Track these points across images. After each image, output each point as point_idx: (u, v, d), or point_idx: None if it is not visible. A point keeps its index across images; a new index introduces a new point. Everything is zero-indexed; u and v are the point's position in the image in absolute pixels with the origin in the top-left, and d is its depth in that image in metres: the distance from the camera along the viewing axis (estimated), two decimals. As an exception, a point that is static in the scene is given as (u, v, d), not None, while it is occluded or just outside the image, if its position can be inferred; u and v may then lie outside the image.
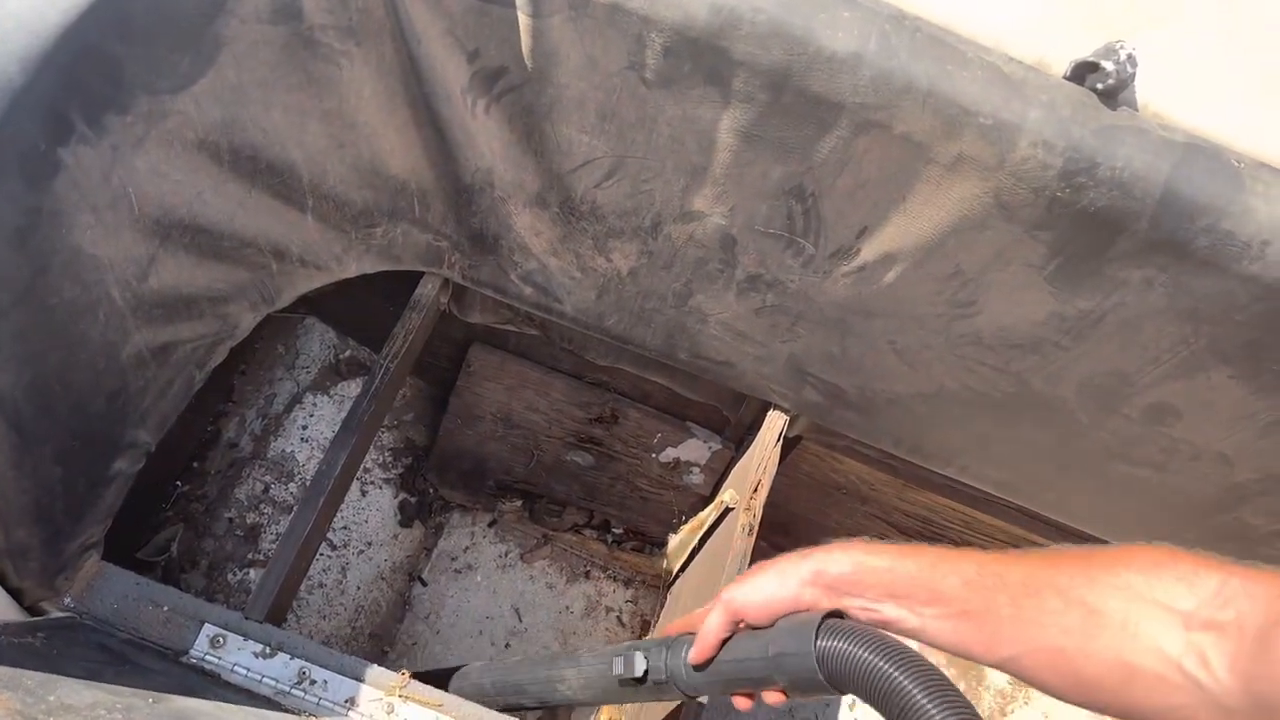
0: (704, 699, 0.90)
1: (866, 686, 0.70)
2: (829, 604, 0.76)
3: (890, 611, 0.74)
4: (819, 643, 0.72)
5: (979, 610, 0.69)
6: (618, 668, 0.91)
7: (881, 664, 0.69)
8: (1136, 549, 0.65)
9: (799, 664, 0.74)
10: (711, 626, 0.83)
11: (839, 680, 0.72)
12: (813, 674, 0.72)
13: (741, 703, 0.87)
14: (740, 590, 0.81)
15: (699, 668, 0.86)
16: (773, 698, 0.82)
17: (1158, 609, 0.60)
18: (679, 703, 1.13)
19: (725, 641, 0.84)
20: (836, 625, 0.73)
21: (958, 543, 1.68)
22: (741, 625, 0.83)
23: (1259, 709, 0.55)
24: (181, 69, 0.88)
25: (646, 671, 0.90)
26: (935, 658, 1.34)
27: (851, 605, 0.75)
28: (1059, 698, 0.67)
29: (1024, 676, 0.68)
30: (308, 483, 1.64)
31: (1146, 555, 0.64)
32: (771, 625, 0.79)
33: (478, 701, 1.02)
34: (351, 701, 0.97)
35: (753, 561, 1.27)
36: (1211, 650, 0.57)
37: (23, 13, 0.76)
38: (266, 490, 1.71)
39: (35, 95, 0.76)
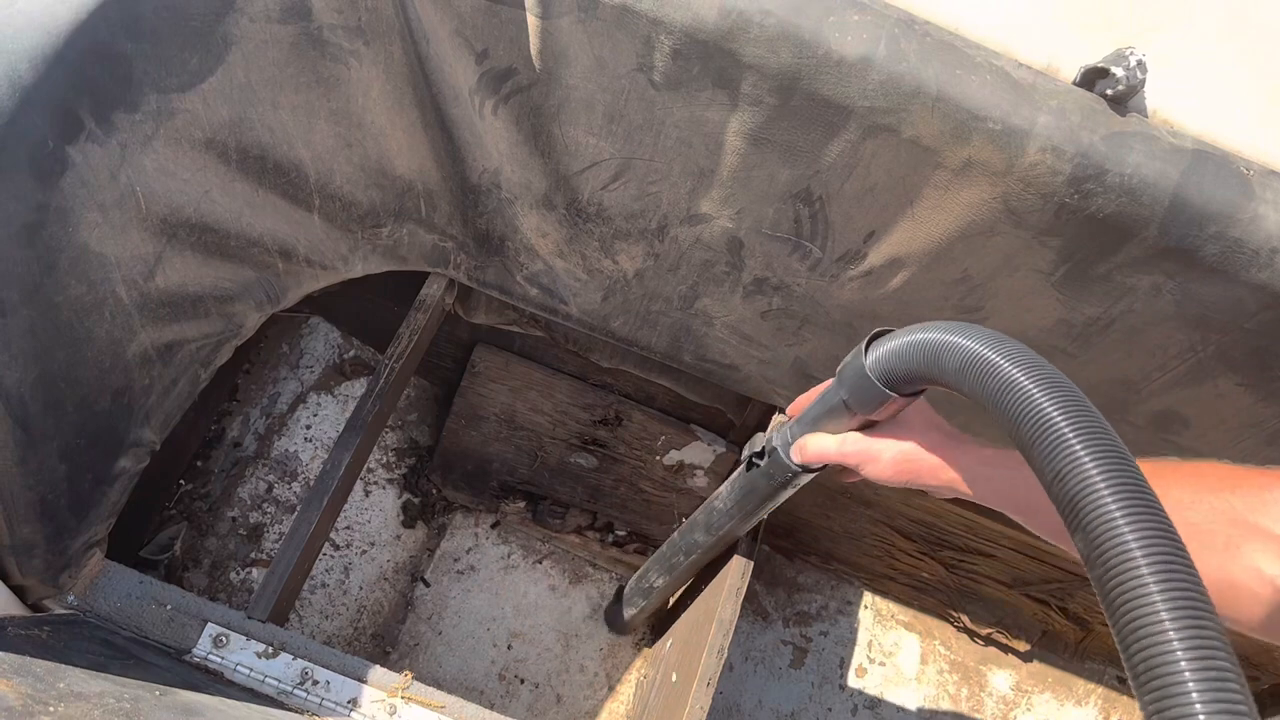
0: (806, 464, 0.93)
1: (916, 369, 0.72)
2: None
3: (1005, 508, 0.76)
4: (869, 353, 0.76)
5: None
6: (744, 452, 1.00)
7: (927, 336, 0.70)
8: (1245, 473, 0.66)
9: (853, 370, 0.78)
10: (823, 446, 0.87)
11: (889, 377, 0.75)
12: (864, 375, 0.76)
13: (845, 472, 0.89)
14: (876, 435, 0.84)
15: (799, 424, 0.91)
16: (850, 449, 0.84)
17: (1260, 535, 0.62)
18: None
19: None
20: (883, 334, 0.76)
21: (962, 550, 1.68)
22: None
23: None
24: (190, 67, 0.88)
25: (763, 447, 0.97)
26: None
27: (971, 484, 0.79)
28: None
29: None
30: (311, 482, 1.64)
31: (1254, 480, 0.65)
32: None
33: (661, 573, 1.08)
34: (354, 702, 0.97)
35: (756, 565, 1.27)
36: None
37: (33, 10, 0.77)
38: (270, 490, 1.71)
39: (45, 92, 0.77)
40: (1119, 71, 0.84)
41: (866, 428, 0.85)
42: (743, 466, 1.02)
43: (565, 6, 0.88)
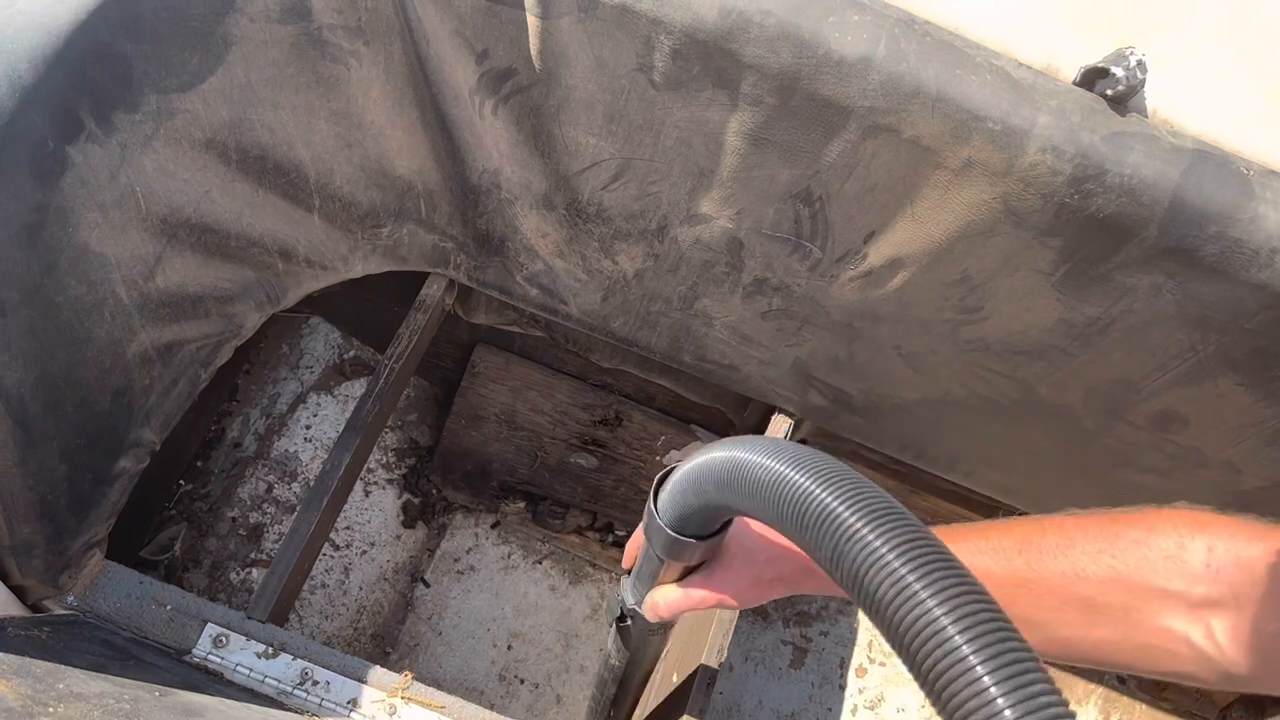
0: (663, 620, 0.88)
1: (694, 508, 0.65)
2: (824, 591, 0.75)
3: None
4: (656, 501, 0.69)
5: None
6: (608, 616, 0.94)
7: (683, 471, 0.63)
8: (1117, 523, 0.63)
9: (653, 526, 0.71)
10: (669, 599, 0.82)
11: (681, 523, 0.68)
12: (663, 531, 0.69)
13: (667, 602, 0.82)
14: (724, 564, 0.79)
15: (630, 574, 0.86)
16: (697, 599, 0.79)
17: (1154, 596, 0.60)
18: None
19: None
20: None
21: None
22: None
23: (1266, 674, 0.56)
24: (190, 67, 0.88)
25: (622, 610, 0.90)
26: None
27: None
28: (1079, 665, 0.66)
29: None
30: (311, 483, 1.64)
31: (1127, 531, 0.62)
32: None
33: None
34: (354, 703, 0.97)
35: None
36: (1216, 624, 0.58)
37: (34, 10, 0.77)
38: (270, 490, 1.71)
39: (45, 93, 0.77)
40: (1119, 71, 0.84)
41: (701, 565, 0.80)
42: (613, 628, 0.96)
43: (565, 6, 0.88)
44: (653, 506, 0.70)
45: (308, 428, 1.77)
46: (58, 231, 0.82)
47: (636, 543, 0.87)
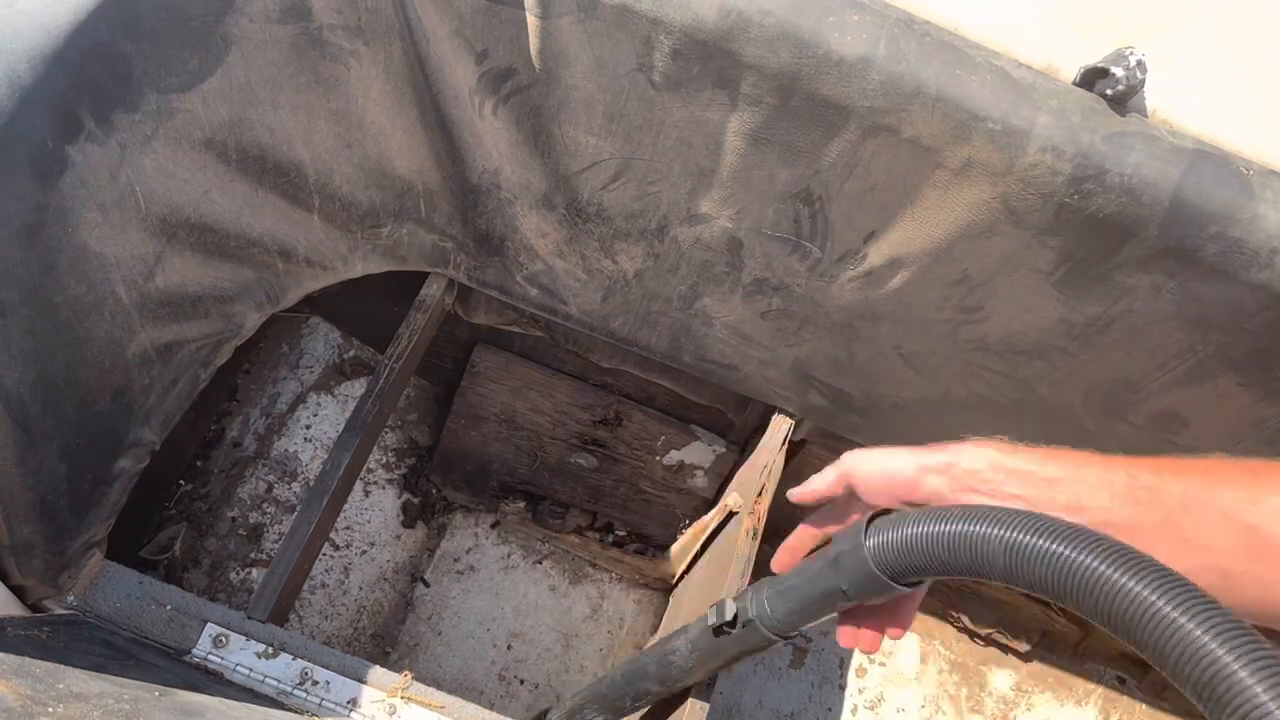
0: (798, 633, 0.86)
1: (924, 563, 0.65)
2: (953, 497, 0.70)
3: None
4: (869, 538, 0.68)
5: (1126, 525, 0.65)
6: (710, 618, 0.90)
7: (937, 527, 0.62)
8: None
9: (854, 560, 0.70)
10: (817, 485, 0.79)
11: (896, 569, 0.68)
12: (867, 567, 0.69)
13: (863, 640, 0.81)
14: (862, 456, 0.76)
15: (779, 588, 0.83)
16: (863, 634, 0.79)
17: None
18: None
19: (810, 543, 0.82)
20: (885, 518, 0.69)
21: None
22: (845, 494, 0.79)
23: None
24: (190, 67, 0.88)
25: (736, 615, 0.88)
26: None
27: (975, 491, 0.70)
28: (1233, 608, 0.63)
29: None
30: (311, 482, 1.64)
31: None
32: (879, 511, 0.73)
33: (602, 712, 1.05)
34: (353, 702, 0.97)
35: (756, 566, 1.27)
36: None
37: (33, 10, 0.77)
38: (270, 490, 1.71)
39: (45, 93, 0.77)
40: (1119, 71, 0.84)
41: (857, 611, 0.80)
42: (702, 629, 0.93)
43: (565, 6, 0.88)
44: (864, 541, 0.69)
45: (308, 428, 1.77)
46: (57, 231, 0.82)
47: (796, 556, 0.86)
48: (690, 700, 1.07)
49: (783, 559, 0.90)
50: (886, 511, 0.71)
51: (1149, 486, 0.66)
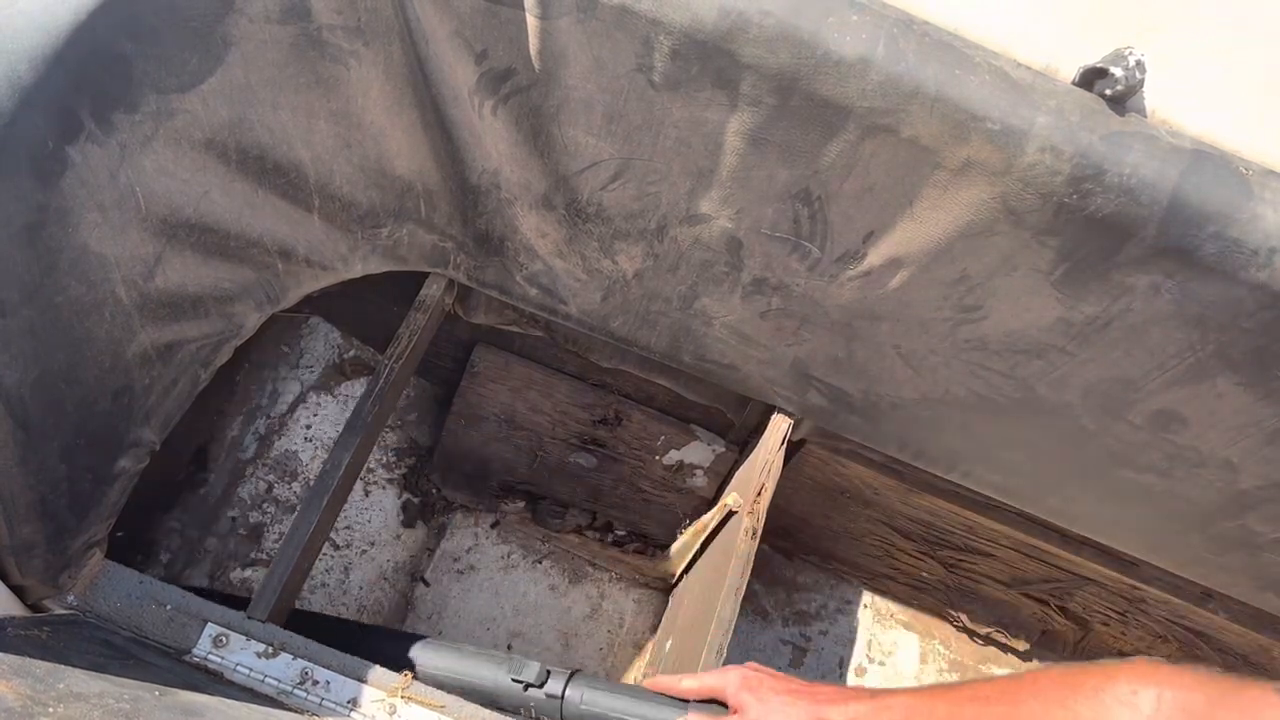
0: None
1: None
2: None
3: None
4: None
5: None
6: (514, 671, 1.04)
7: None
8: (1079, 675, 0.74)
9: None
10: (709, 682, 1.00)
11: None
12: None
13: None
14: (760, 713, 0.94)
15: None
16: None
17: None
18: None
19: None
20: None
21: (961, 549, 1.68)
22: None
23: None
24: (190, 68, 0.88)
25: (544, 680, 1.04)
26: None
27: None
28: None
29: None
30: (311, 482, 1.64)
31: (1089, 681, 0.73)
32: None
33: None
34: (354, 702, 0.97)
35: (755, 565, 1.27)
36: None
37: (33, 10, 0.77)
38: (270, 489, 1.71)
39: (45, 93, 0.77)
40: (1118, 71, 0.84)
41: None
42: (506, 677, 1.06)
43: (564, 7, 0.88)
44: None
45: (308, 428, 1.77)
46: (58, 232, 0.82)
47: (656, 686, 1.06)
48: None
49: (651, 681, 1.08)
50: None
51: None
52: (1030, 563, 1.65)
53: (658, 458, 1.67)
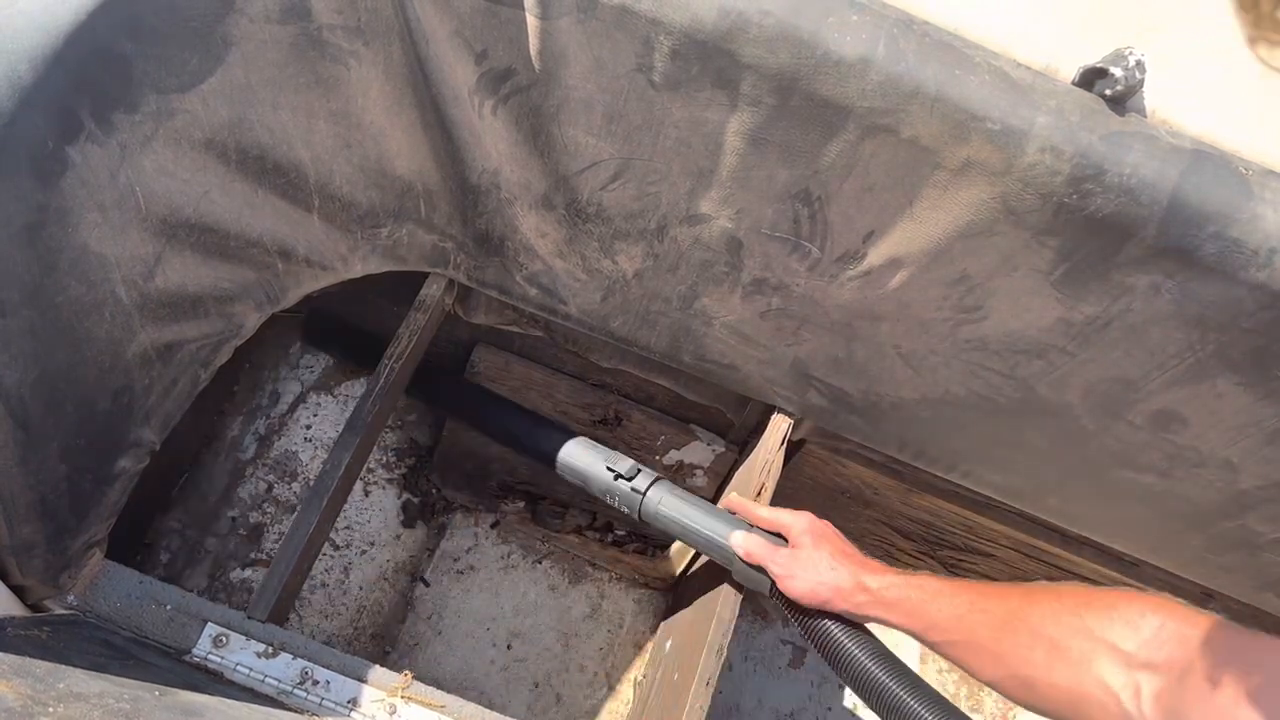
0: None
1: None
2: (860, 613, 1.02)
3: (905, 627, 0.97)
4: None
5: (965, 641, 0.88)
6: (611, 462, 1.24)
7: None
8: (1099, 593, 0.78)
9: (756, 581, 1.12)
10: (754, 548, 1.10)
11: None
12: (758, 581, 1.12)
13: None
14: (794, 563, 1.06)
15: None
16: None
17: (1106, 648, 0.72)
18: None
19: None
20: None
21: (961, 549, 1.68)
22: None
23: None
24: (190, 68, 0.88)
25: (638, 474, 1.22)
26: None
27: (876, 614, 1.01)
28: (1031, 711, 0.82)
29: (1003, 694, 0.85)
30: (311, 482, 1.64)
31: (1105, 599, 0.76)
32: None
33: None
34: (354, 702, 0.97)
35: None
36: (1145, 686, 0.68)
37: (34, 11, 0.77)
38: (269, 490, 1.71)
39: (45, 93, 0.77)
40: (1118, 71, 0.84)
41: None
42: (606, 469, 1.26)
43: (564, 7, 0.88)
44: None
45: (308, 428, 1.78)
46: (58, 232, 0.82)
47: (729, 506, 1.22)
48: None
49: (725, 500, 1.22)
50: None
51: (983, 609, 0.87)
52: (1030, 563, 1.65)
53: (658, 458, 1.67)
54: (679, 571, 1.73)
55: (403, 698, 0.98)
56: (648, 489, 1.20)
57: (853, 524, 1.72)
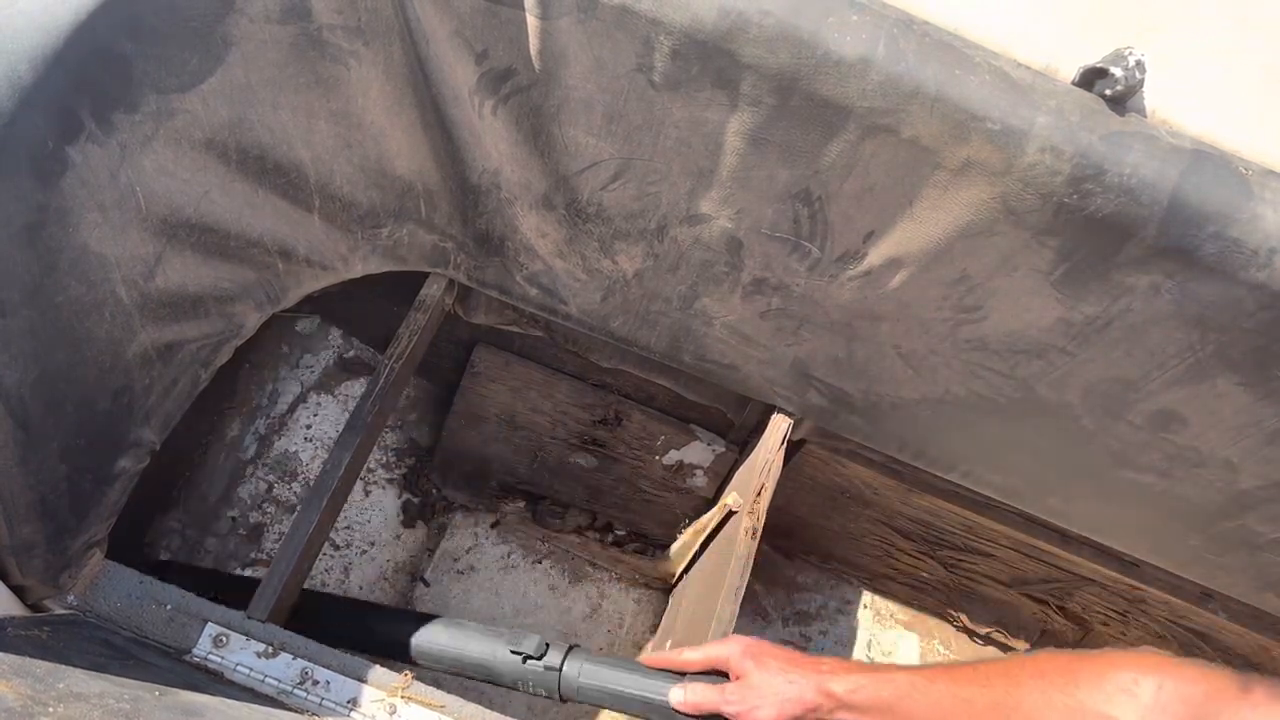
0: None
1: None
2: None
3: None
4: None
5: None
6: (513, 643, 1.07)
7: None
8: (1082, 660, 0.76)
9: None
10: (699, 697, 1.00)
11: None
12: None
13: None
14: (748, 693, 0.97)
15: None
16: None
17: None
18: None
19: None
20: None
21: (961, 549, 1.68)
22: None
23: None
24: (190, 68, 0.88)
25: (543, 653, 1.06)
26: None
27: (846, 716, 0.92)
28: None
29: None
30: (311, 482, 1.64)
31: (1091, 667, 0.74)
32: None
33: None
34: (354, 702, 0.97)
35: (755, 565, 1.27)
36: None
37: (34, 11, 0.77)
38: (270, 490, 1.71)
39: (45, 93, 0.77)
40: (1118, 71, 0.84)
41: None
42: (506, 650, 1.09)
43: (565, 7, 0.88)
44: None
45: (308, 428, 1.78)
46: (58, 232, 0.82)
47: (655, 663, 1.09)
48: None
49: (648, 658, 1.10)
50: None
51: (965, 699, 0.83)
52: (1030, 563, 1.65)
53: (658, 458, 1.67)
54: (679, 571, 1.73)
55: (403, 698, 0.98)
56: (562, 664, 1.05)
57: (853, 524, 1.72)
